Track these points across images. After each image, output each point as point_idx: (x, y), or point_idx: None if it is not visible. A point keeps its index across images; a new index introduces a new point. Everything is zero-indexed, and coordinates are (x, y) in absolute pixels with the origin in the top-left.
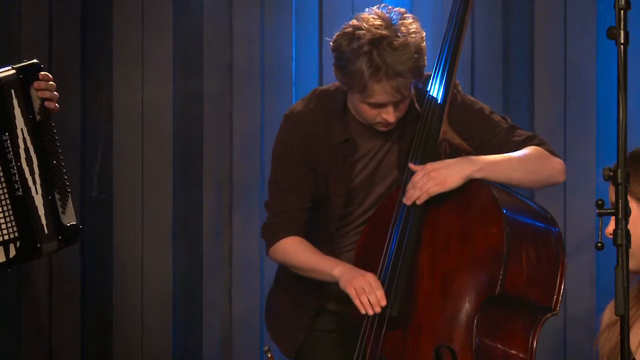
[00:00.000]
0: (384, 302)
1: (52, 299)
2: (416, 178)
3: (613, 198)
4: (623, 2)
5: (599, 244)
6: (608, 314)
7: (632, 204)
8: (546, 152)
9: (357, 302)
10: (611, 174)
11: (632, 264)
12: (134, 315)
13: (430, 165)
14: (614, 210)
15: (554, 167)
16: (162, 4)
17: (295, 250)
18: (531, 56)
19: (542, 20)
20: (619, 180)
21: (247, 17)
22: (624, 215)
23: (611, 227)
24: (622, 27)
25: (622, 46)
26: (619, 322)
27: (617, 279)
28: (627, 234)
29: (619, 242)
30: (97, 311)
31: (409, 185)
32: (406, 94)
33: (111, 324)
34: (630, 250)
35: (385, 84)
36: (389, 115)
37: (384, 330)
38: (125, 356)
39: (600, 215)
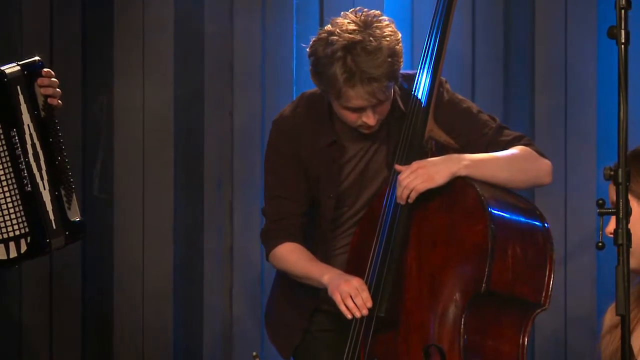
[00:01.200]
0: (369, 304)
1: (52, 297)
2: (402, 177)
3: (614, 197)
4: (624, 2)
5: (600, 244)
6: (609, 317)
7: (633, 203)
8: (534, 153)
9: (342, 308)
10: (612, 173)
11: (633, 264)
12: (134, 313)
13: (416, 163)
14: (614, 210)
15: (541, 167)
16: (163, 2)
17: (290, 257)
18: (531, 56)
19: (543, 19)
20: (620, 180)
21: (248, 16)
22: (625, 214)
23: (611, 226)
24: (622, 27)
25: (622, 46)
26: (620, 325)
27: (618, 278)
28: (628, 234)
29: (620, 241)
30: (98, 309)
31: (397, 185)
32: (382, 98)
33: (112, 321)
34: (631, 249)
35: (360, 89)
36: (369, 119)
37: (371, 331)
38: (125, 354)
39: (601, 214)
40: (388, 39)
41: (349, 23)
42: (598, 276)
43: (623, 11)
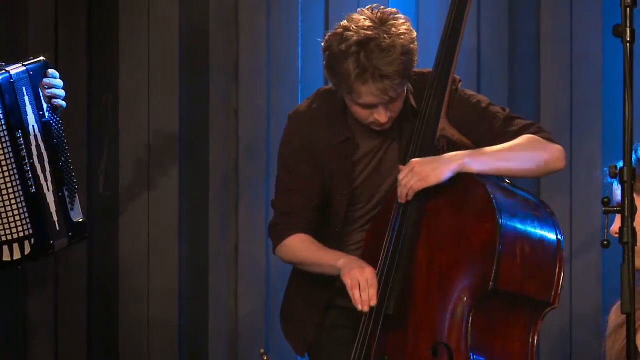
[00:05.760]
0: (373, 303)
1: (58, 295)
2: (401, 175)
3: (618, 196)
4: (629, 0)
5: (605, 242)
6: (614, 316)
7: (638, 202)
8: (542, 140)
9: (351, 294)
10: (617, 171)
11: (639, 262)
12: (140, 311)
13: (414, 162)
14: (620, 208)
15: (551, 154)
16: (169, 1)
17: (301, 246)
18: (537, 53)
19: (549, 16)
20: (625, 178)
21: (254, 14)
22: (630, 213)
23: (616, 225)
24: (628, 25)
25: (628, 44)
26: (625, 324)
27: (623, 277)
28: (634, 232)
29: (625, 239)
30: (104, 307)
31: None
32: (393, 96)
33: (117, 319)
34: (636, 248)
35: (372, 85)
36: (381, 116)
37: (379, 328)
38: (131, 351)
39: (606, 213)
40: (403, 37)
41: (364, 19)
42: (604, 274)
43: (628, 9)
